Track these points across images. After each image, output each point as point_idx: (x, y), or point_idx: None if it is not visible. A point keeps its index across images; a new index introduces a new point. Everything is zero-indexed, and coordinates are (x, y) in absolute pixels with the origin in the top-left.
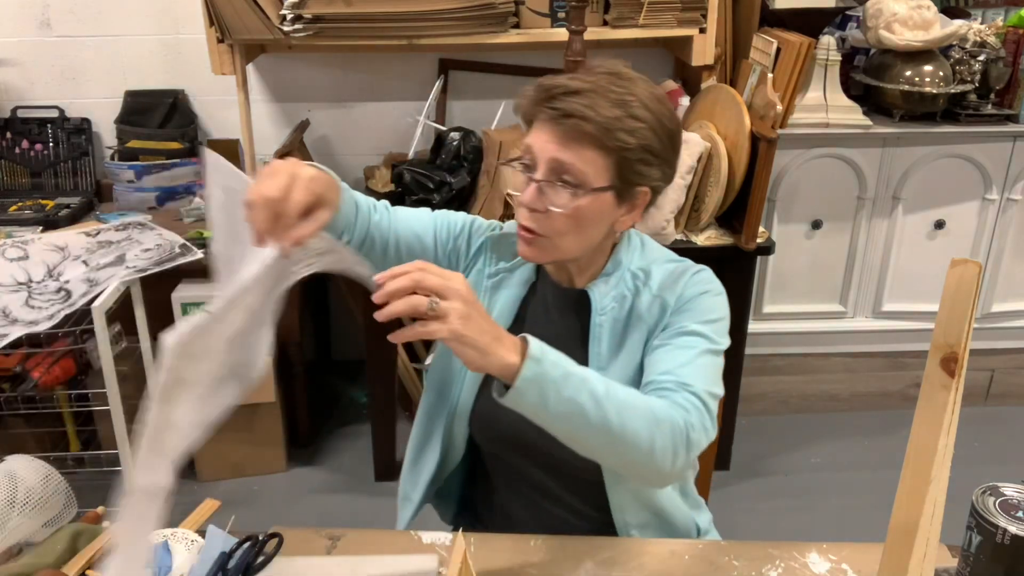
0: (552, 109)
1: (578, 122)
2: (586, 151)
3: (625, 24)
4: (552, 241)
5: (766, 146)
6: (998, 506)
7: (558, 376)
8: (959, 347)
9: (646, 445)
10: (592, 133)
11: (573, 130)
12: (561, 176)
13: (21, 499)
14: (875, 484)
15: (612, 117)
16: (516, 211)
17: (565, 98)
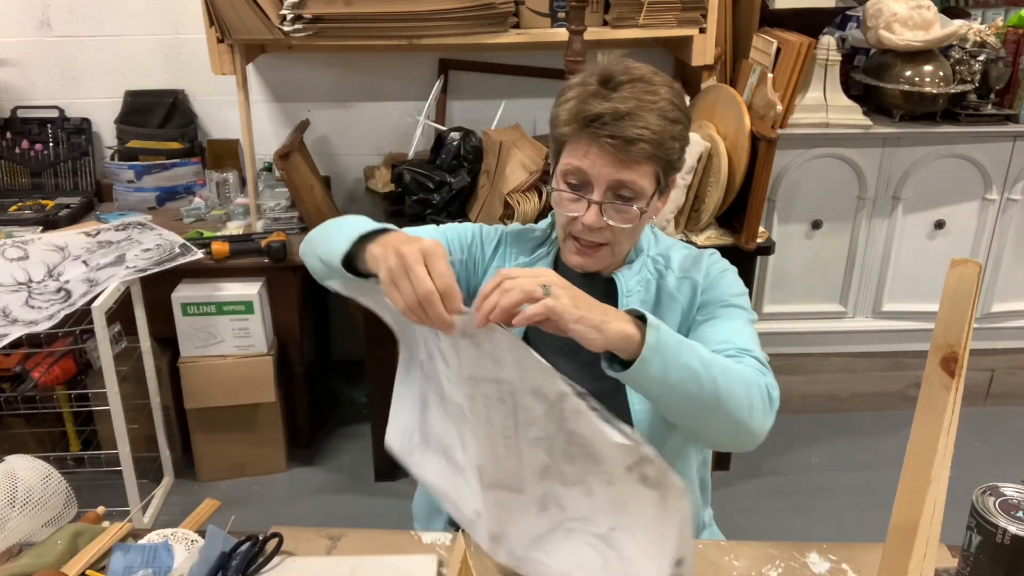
0: (611, 137)
1: (641, 146)
2: (642, 166)
3: (625, 24)
4: (612, 249)
5: (766, 146)
6: (998, 506)
7: (674, 342)
8: (959, 347)
9: (746, 405)
10: (650, 152)
11: (636, 153)
12: (618, 192)
13: (21, 499)
14: (875, 484)
15: (661, 131)
16: (568, 227)
17: (618, 124)
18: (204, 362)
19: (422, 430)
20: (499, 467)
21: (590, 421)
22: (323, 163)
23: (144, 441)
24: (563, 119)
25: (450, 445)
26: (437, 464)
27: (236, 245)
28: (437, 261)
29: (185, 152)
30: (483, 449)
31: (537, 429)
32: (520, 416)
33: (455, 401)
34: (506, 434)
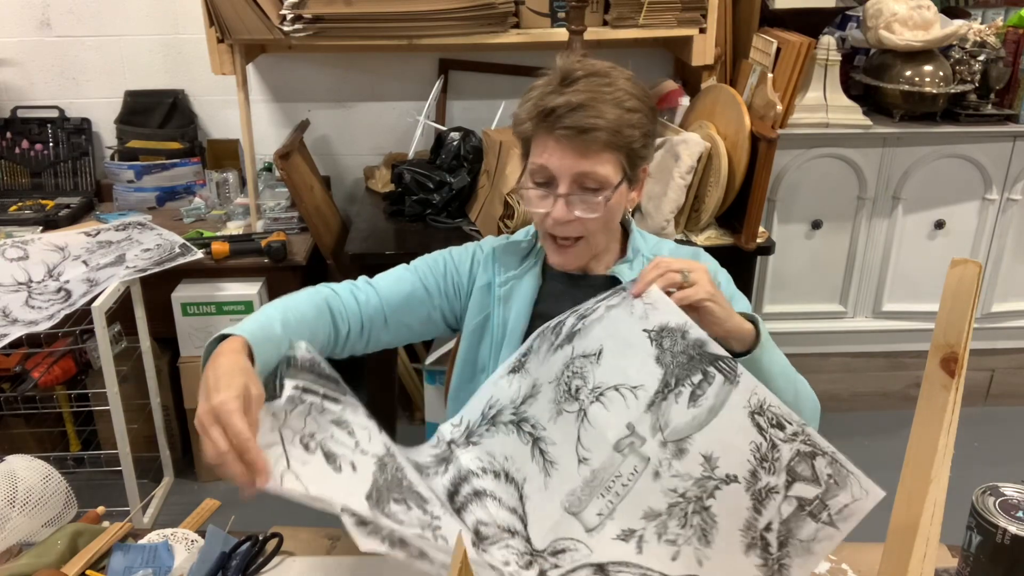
0: (565, 128)
1: (595, 135)
2: (602, 155)
3: (625, 24)
4: (587, 241)
5: (766, 146)
6: (998, 506)
7: (768, 337)
8: (959, 347)
9: (811, 403)
10: (606, 139)
11: (591, 142)
12: (584, 184)
13: (21, 499)
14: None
15: (616, 119)
16: (542, 225)
17: (572, 115)
18: None
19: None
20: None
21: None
22: (323, 163)
23: (144, 441)
24: (522, 117)
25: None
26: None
27: (236, 245)
28: (231, 418)
29: (185, 152)
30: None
31: (679, 480)
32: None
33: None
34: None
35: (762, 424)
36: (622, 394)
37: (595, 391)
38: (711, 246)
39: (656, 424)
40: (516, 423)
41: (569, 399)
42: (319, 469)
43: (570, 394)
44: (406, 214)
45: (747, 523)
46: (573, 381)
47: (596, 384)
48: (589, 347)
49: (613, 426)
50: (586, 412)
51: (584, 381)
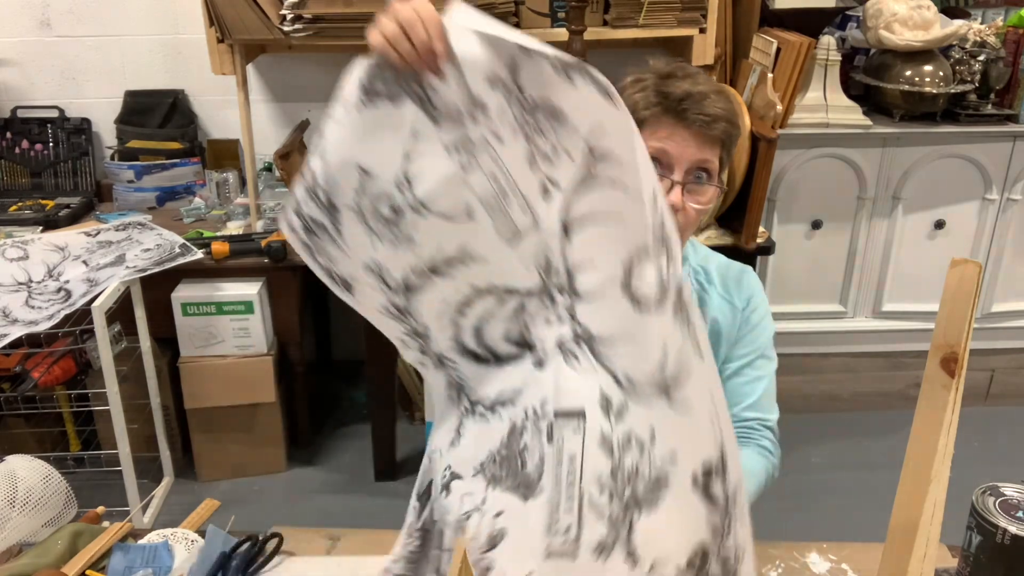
0: (697, 115)
1: (718, 125)
2: (714, 147)
3: (625, 24)
4: (681, 236)
5: (766, 146)
6: (998, 506)
7: None
8: (959, 347)
9: (753, 501)
10: (722, 130)
11: (712, 132)
12: (696, 174)
13: (21, 499)
14: (875, 484)
15: (733, 111)
16: None
17: (700, 104)
18: (204, 362)
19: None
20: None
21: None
22: None
23: (144, 441)
24: (642, 104)
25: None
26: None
27: (236, 245)
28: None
29: (185, 152)
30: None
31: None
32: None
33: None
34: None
35: None
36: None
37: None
38: (711, 246)
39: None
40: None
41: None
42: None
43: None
44: None
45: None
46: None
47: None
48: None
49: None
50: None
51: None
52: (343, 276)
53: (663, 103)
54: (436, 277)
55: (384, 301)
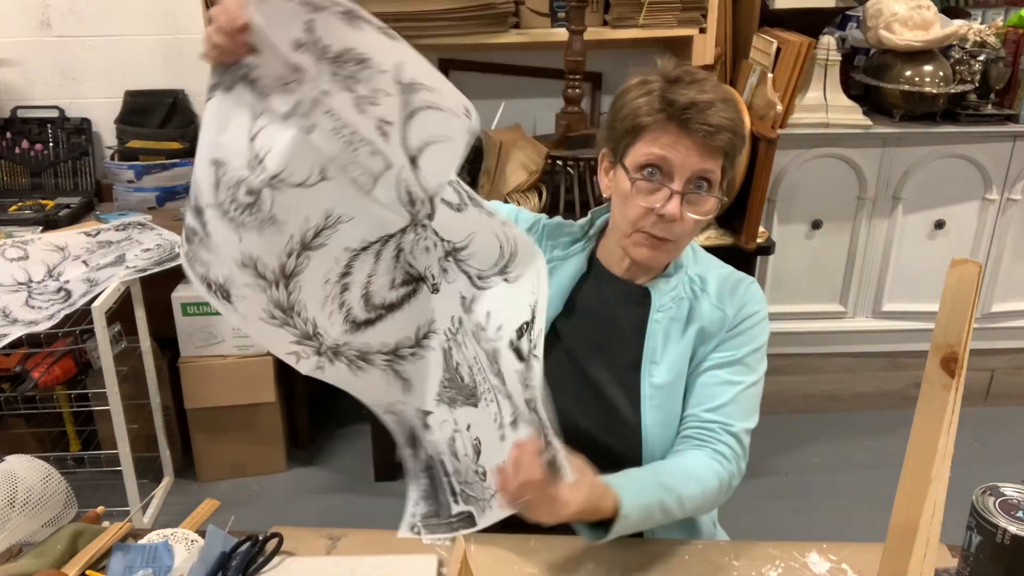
0: (700, 124)
1: (722, 135)
2: (716, 157)
3: (625, 24)
4: (677, 244)
5: (766, 146)
6: (998, 506)
7: (638, 517)
8: (959, 347)
9: (707, 508)
10: (726, 140)
11: (715, 141)
12: (696, 184)
13: (21, 499)
14: (875, 484)
15: (738, 121)
16: (641, 219)
17: (704, 113)
18: (204, 362)
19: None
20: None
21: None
22: None
23: (144, 441)
24: (644, 110)
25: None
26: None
27: None
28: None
29: (185, 152)
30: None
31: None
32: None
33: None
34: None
35: None
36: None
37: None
38: (711, 246)
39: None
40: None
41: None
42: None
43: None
44: None
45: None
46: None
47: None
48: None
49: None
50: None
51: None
52: (219, 281)
53: (667, 111)
54: (311, 252)
55: (265, 302)
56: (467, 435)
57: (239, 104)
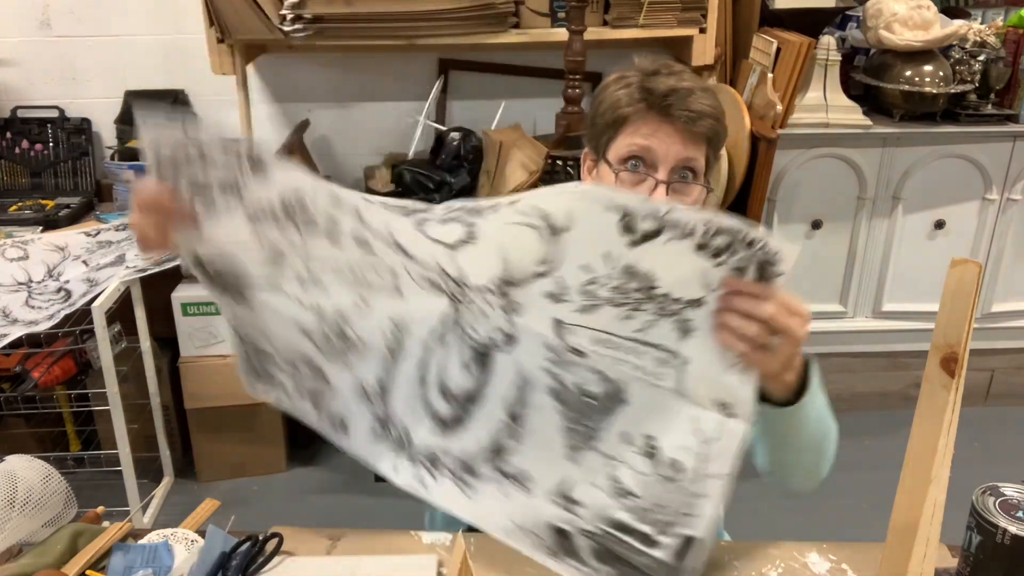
0: (682, 111)
1: (705, 121)
2: (699, 145)
3: (625, 24)
4: None
5: (766, 146)
6: (998, 506)
7: (816, 387)
8: (959, 347)
9: (829, 459)
10: (709, 127)
11: (698, 128)
12: (680, 173)
13: (21, 499)
14: (875, 484)
15: (719, 108)
16: None
17: (685, 99)
18: (204, 362)
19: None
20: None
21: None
22: (323, 163)
23: (144, 441)
24: (625, 101)
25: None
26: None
27: None
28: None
29: None
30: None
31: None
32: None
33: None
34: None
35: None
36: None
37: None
38: None
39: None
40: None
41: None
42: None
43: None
44: None
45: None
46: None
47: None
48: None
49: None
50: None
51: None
52: (341, 418)
53: (647, 99)
54: (398, 360)
55: (371, 419)
56: (634, 455)
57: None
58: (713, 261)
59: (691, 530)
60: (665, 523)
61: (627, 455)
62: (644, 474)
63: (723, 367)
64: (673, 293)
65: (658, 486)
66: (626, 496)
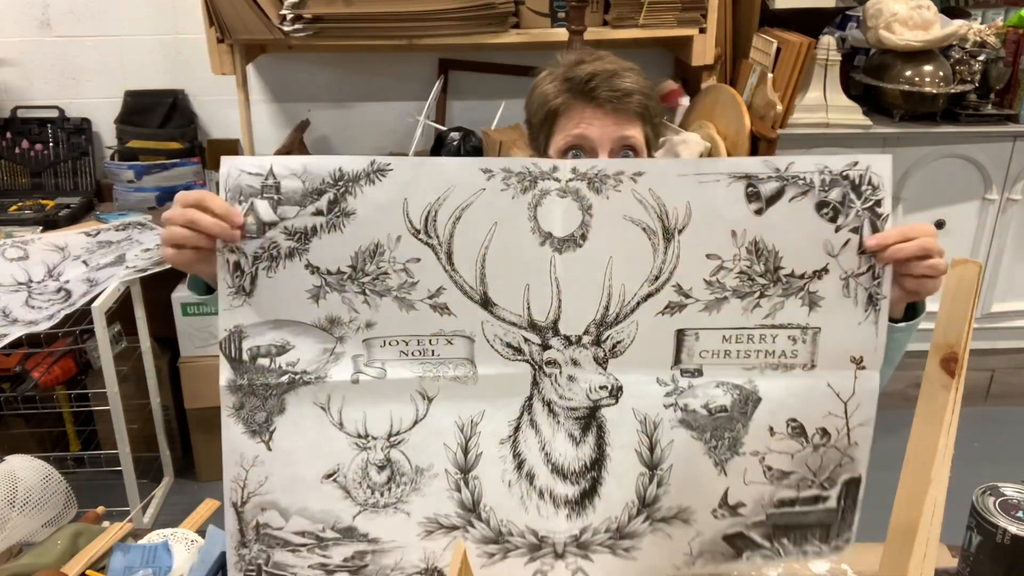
0: (608, 92)
1: (634, 98)
2: (635, 122)
3: (625, 24)
4: None
5: (766, 146)
6: (998, 506)
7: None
8: (959, 347)
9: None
10: (639, 103)
11: (628, 106)
12: (623, 153)
13: (21, 499)
14: (875, 484)
15: (646, 85)
16: None
17: (610, 80)
18: (204, 362)
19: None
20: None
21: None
22: None
23: (144, 441)
24: (552, 94)
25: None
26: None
27: None
28: (183, 196)
29: (185, 152)
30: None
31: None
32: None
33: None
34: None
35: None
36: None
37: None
38: None
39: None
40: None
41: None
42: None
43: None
44: None
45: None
46: None
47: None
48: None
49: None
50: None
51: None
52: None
53: (571, 88)
54: (475, 472)
55: (473, 547)
56: (780, 441)
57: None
58: (832, 226)
59: (850, 473)
60: (826, 479)
61: (775, 444)
62: (796, 453)
63: (854, 323)
64: (798, 269)
65: (812, 456)
66: (784, 477)
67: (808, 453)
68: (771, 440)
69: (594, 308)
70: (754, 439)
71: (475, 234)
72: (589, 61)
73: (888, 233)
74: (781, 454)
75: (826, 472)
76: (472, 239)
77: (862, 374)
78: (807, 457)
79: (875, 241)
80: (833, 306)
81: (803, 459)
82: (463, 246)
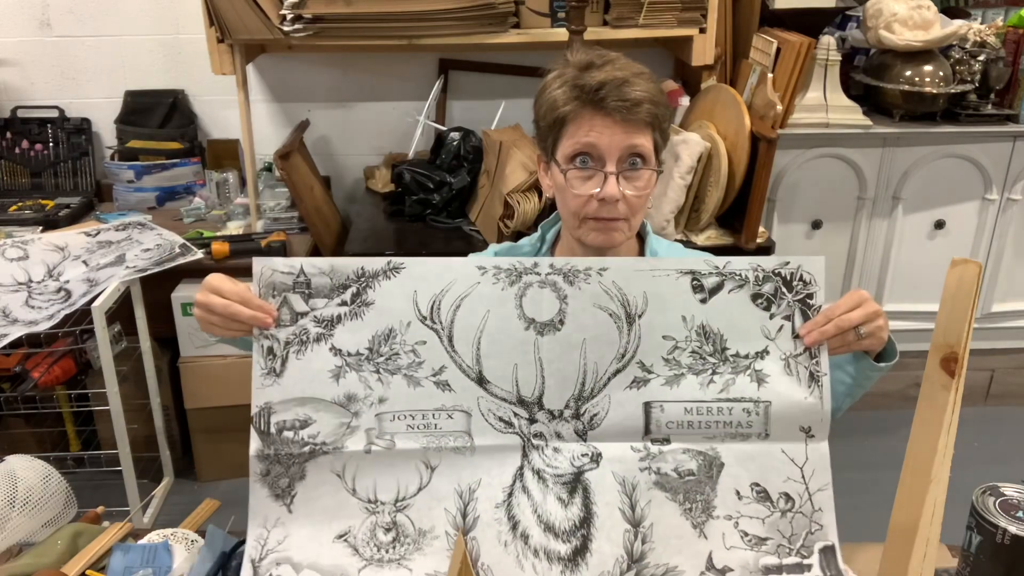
0: (617, 102)
1: (643, 107)
2: (644, 130)
3: (625, 24)
4: (628, 222)
5: (766, 146)
6: (998, 506)
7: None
8: (959, 347)
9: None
10: (648, 112)
11: (638, 116)
12: (630, 160)
13: (21, 499)
14: (875, 484)
15: (657, 93)
16: (583, 208)
17: (619, 89)
18: (204, 362)
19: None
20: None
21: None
22: (323, 163)
23: (144, 441)
24: (561, 101)
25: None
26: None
27: (236, 245)
28: (221, 283)
29: (185, 152)
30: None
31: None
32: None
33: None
34: None
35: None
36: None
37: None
38: (711, 246)
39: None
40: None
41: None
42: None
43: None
44: (406, 214)
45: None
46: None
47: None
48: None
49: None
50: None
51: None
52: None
53: (580, 96)
54: (474, 533)
55: None
56: (749, 505)
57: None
58: (767, 314)
59: (823, 541)
60: (801, 546)
61: (744, 508)
62: (765, 517)
63: (800, 397)
64: (742, 350)
65: (782, 521)
66: (762, 543)
67: (777, 518)
68: (740, 504)
69: (572, 384)
70: (724, 502)
71: (472, 319)
72: (599, 66)
73: (815, 320)
74: (752, 519)
75: (800, 539)
76: (469, 324)
77: (812, 442)
78: (777, 523)
79: (805, 329)
80: (778, 383)
81: (774, 524)
82: (462, 330)
